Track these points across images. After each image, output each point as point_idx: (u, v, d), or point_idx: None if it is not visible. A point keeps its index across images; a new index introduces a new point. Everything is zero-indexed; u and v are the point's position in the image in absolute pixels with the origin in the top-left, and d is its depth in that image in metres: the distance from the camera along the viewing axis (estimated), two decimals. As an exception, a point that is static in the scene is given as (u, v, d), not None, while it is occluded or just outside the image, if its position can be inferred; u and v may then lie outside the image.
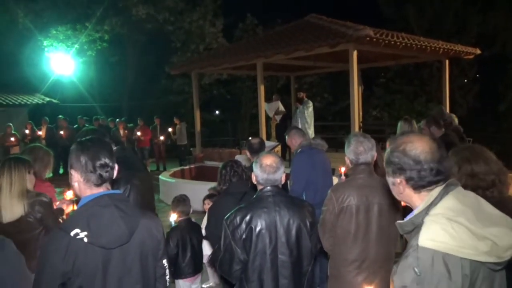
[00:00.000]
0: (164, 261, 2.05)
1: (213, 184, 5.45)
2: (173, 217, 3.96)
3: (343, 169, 3.20)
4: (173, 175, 10.12)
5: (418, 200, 1.55)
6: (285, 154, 10.12)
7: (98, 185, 1.87)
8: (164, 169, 12.38)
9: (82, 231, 1.74)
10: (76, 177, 1.88)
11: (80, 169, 1.86)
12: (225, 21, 22.07)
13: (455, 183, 1.51)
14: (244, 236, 2.45)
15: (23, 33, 18.90)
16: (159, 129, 13.26)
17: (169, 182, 9.34)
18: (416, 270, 1.38)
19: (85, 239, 1.74)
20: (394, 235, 2.88)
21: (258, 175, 2.59)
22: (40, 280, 1.76)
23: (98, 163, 1.85)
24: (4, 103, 16.86)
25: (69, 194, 3.22)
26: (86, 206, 1.85)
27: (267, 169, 2.56)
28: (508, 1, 17.95)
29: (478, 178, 2.47)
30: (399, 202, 2.68)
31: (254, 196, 2.63)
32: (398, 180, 1.58)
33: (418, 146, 1.53)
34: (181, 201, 4.16)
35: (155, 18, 20.11)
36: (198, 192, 5.25)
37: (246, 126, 22.16)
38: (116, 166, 1.96)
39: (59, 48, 19.12)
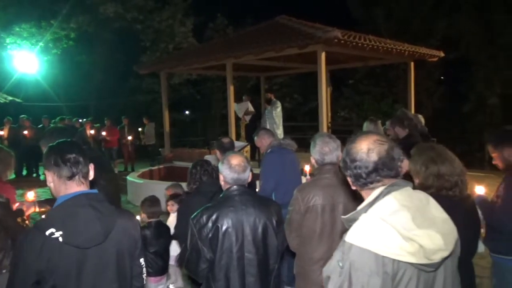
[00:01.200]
0: (141, 260, 2.08)
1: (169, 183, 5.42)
2: (142, 218, 3.93)
3: (307, 168, 3.25)
4: (141, 176, 9.99)
5: (365, 196, 1.59)
6: (255, 155, 10.15)
7: (70, 178, 1.88)
8: (133, 170, 12.18)
9: (57, 230, 1.75)
10: (49, 177, 1.91)
11: (51, 167, 1.89)
12: (195, 20, 21.93)
13: (400, 184, 1.54)
14: (210, 235, 2.46)
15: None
16: (127, 129, 13.02)
17: (136, 183, 9.23)
18: (340, 263, 1.44)
19: (60, 239, 1.75)
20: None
21: (226, 174, 2.60)
22: (14, 277, 1.78)
23: (67, 157, 1.88)
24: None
25: (30, 196, 3.14)
26: (62, 205, 1.86)
27: (236, 169, 2.58)
28: (472, 5, 18.57)
29: (444, 179, 2.56)
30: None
31: (221, 195, 2.64)
32: (347, 177, 1.64)
33: (357, 146, 1.57)
34: (153, 202, 4.13)
35: (124, 17, 19.78)
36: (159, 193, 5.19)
37: (216, 126, 22.09)
38: (92, 165, 1.99)
39: (22, 45, 18.54)
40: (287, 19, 10.35)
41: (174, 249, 4.28)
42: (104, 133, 12.50)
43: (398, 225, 1.39)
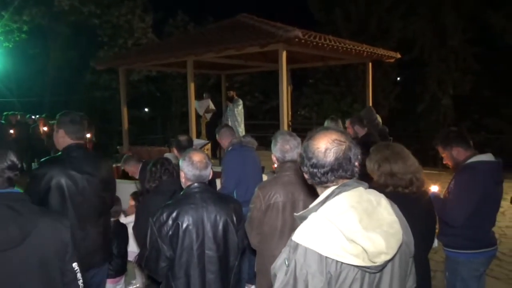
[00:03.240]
0: (74, 265, 1.94)
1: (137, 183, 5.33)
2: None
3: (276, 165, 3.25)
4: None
5: (319, 193, 1.59)
6: (215, 152, 10.11)
7: None
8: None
9: None
10: None
11: None
12: (155, 16, 21.59)
13: (352, 184, 1.54)
14: (170, 233, 2.43)
15: None
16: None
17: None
18: (286, 261, 1.45)
19: None
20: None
21: (187, 171, 2.58)
22: None
23: None
24: None
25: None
26: None
27: (197, 165, 2.56)
28: (427, 8, 19.27)
29: (397, 177, 2.62)
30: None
31: (182, 193, 2.62)
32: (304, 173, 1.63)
33: (315, 144, 1.55)
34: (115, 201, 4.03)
35: (80, 10, 19.19)
36: (124, 191, 5.08)
37: (176, 124, 21.83)
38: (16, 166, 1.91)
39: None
40: (248, 17, 10.35)
41: (134, 248, 4.21)
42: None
43: (343, 226, 1.40)
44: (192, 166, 2.56)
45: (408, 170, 2.64)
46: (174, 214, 2.45)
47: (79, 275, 1.97)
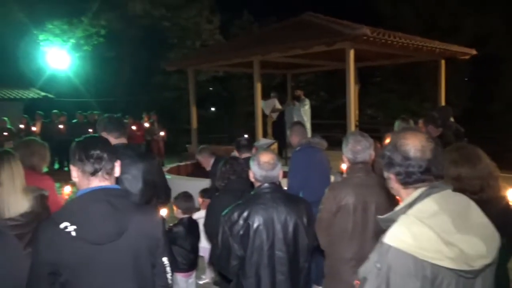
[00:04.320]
0: (164, 259, 2.00)
1: (206, 181, 5.50)
2: (176, 214, 4.01)
3: (344, 166, 3.21)
4: (169, 172, 10.09)
5: (405, 196, 1.56)
6: (282, 152, 10.15)
7: (93, 174, 1.87)
8: (163, 165, 12.32)
9: (71, 224, 1.75)
10: (74, 172, 1.91)
11: (75, 162, 1.89)
12: (221, 17, 22.04)
13: (441, 186, 1.51)
14: (241, 232, 2.47)
15: (19, 27, 18.75)
16: (157, 125, 13.14)
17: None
18: (377, 265, 1.41)
19: (73, 233, 1.74)
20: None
21: (256, 172, 2.61)
22: (31, 266, 1.80)
23: (90, 153, 1.87)
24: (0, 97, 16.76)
25: (66, 190, 3.22)
26: (78, 199, 1.87)
27: (265, 166, 2.58)
28: (501, 2, 18.06)
29: (464, 182, 2.46)
30: (398, 201, 2.71)
31: (252, 193, 2.65)
32: (389, 175, 1.60)
33: (409, 143, 1.53)
34: (188, 198, 4.20)
35: (151, 14, 20.05)
36: (193, 189, 5.25)
37: (241, 124, 22.16)
38: (118, 162, 1.97)
39: (55, 42, 19.01)
40: (313, 16, 10.28)
41: (204, 243, 4.36)
42: (134, 127, 12.60)
43: (438, 228, 1.36)
44: (260, 167, 2.58)
45: (477, 175, 2.46)
46: (245, 214, 2.48)
47: (168, 268, 2.03)
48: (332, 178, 4.64)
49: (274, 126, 11.16)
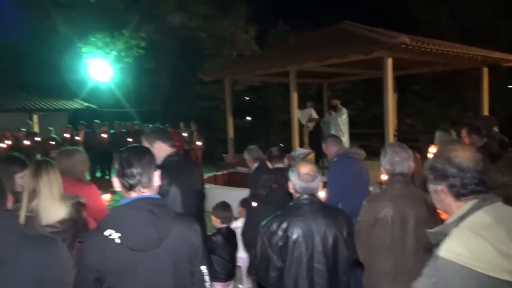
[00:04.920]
0: (203, 268, 2.05)
1: (244, 190, 5.53)
2: (214, 223, 4.07)
3: (384, 177, 3.16)
4: (206, 181, 10.18)
5: (455, 209, 1.55)
6: (319, 162, 10.08)
7: (130, 189, 1.96)
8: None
9: (115, 231, 1.84)
10: (116, 182, 2.01)
11: (116, 174, 2.00)
12: (257, 27, 22.24)
13: (491, 198, 1.50)
14: (280, 244, 2.48)
15: (63, 40, 19.61)
16: (195, 134, 13.35)
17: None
18: (432, 279, 1.40)
19: (117, 240, 1.82)
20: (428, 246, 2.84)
21: (295, 183, 2.62)
22: (78, 272, 1.89)
23: (125, 171, 1.96)
24: (45, 107, 17.53)
25: (106, 197, 3.33)
26: (121, 208, 1.96)
27: (304, 178, 2.58)
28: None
29: (509, 190, 2.41)
30: (438, 214, 2.65)
31: (291, 204, 2.65)
32: (439, 187, 1.59)
33: (462, 154, 1.55)
34: (226, 207, 4.25)
35: (189, 25, 20.49)
36: (230, 198, 5.30)
37: (277, 133, 22.19)
38: (156, 172, 2.04)
39: (97, 54, 19.74)
40: (350, 25, 10.22)
41: (242, 252, 4.39)
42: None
43: (494, 240, 1.34)
44: (299, 178, 2.59)
45: None
46: (284, 225, 2.49)
47: (207, 277, 2.08)
48: (371, 189, 4.58)
49: (310, 135, 11.11)
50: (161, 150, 3.22)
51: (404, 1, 20.44)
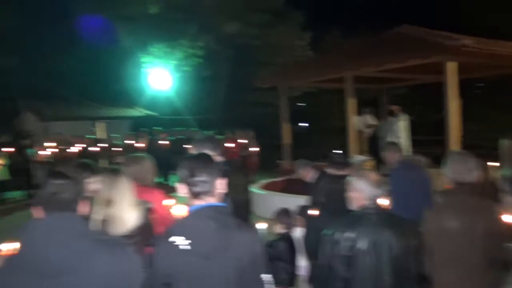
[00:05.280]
0: (265, 275, 2.07)
1: (301, 198, 5.53)
2: (276, 229, 4.11)
3: (448, 186, 3.06)
4: (264, 187, 10.20)
5: None
6: (379, 169, 9.84)
7: (196, 196, 2.04)
8: (253, 181, 12.55)
9: (184, 238, 1.91)
10: (181, 189, 2.09)
11: (182, 181, 2.08)
12: (312, 33, 22.19)
13: None
14: (344, 253, 2.42)
15: (125, 51, 20.57)
16: (253, 141, 13.48)
17: (260, 194, 9.43)
18: None
19: (186, 247, 1.90)
20: (501, 261, 2.68)
21: (362, 190, 2.55)
22: (147, 277, 1.96)
23: (189, 180, 2.04)
24: (110, 115, 18.51)
25: (169, 203, 3.46)
26: (190, 215, 2.04)
27: (371, 185, 2.53)
28: None
29: None
30: (506, 225, 2.55)
31: (356, 212, 2.60)
32: None
33: None
34: (289, 214, 4.28)
35: (244, 33, 20.83)
36: (287, 205, 5.30)
37: (333, 139, 21.91)
38: (221, 180, 2.11)
39: (157, 64, 20.54)
40: (410, 28, 9.93)
41: (301, 260, 4.39)
42: (230, 145, 13.02)
43: None
44: (366, 185, 2.53)
45: None
46: (349, 235, 2.43)
47: (268, 285, 2.09)
48: (434, 198, 4.44)
49: (369, 142, 10.90)
50: None
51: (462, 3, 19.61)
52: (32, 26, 19.14)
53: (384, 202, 2.66)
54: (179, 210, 3.31)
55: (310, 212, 4.24)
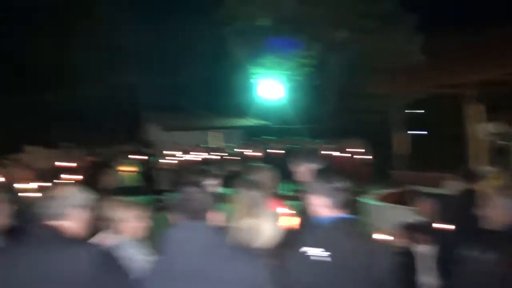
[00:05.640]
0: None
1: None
2: (400, 243, 3.99)
3: None
4: (382, 199, 9.85)
5: None
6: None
7: (329, 208, 2.11)
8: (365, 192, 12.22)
9: (318, 250, 2.00)
10: (314, 200, 2.19)
11: (315, 193, 2.17)
12: (424, 36, 21.10)
13: None
14: (486, 277, 2.24)
15: (235, 63, 21.57)
16: (366, 150, 13.21)
17: (376, 205, 9.14)
18: None
19: (318, 258, 1.99)
20: None
21: (502, 208, 2.39)
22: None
23: (329, 190, 2.12)
24: (224, 125, 19.48)
25: (280, 211, 3.55)
26: (322, 227, 2.12)
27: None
28: None
29: None
30: None
31: (498, 230, 2.41)
32: None
33: None
34: (415, 228, 4.14)
35: (353, 40, 20.54)
36: (406, 218, 5.07)
37: (451, 149, 20.45)
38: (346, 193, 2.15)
39: (267, 74, 21.20)
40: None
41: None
42: (337, 153, 12.88)
43: None
44: (507, 202, 2.37)
45: None
46: (493, 256, 2.25)
47: None
48: None
49: (497, 153, 9.95)
50: (308, 171, 3.24)
51: None
52: (157, 44, 21.17)
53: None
54: (292, 220, 3.30)
55: (440, 227, 4.02)
